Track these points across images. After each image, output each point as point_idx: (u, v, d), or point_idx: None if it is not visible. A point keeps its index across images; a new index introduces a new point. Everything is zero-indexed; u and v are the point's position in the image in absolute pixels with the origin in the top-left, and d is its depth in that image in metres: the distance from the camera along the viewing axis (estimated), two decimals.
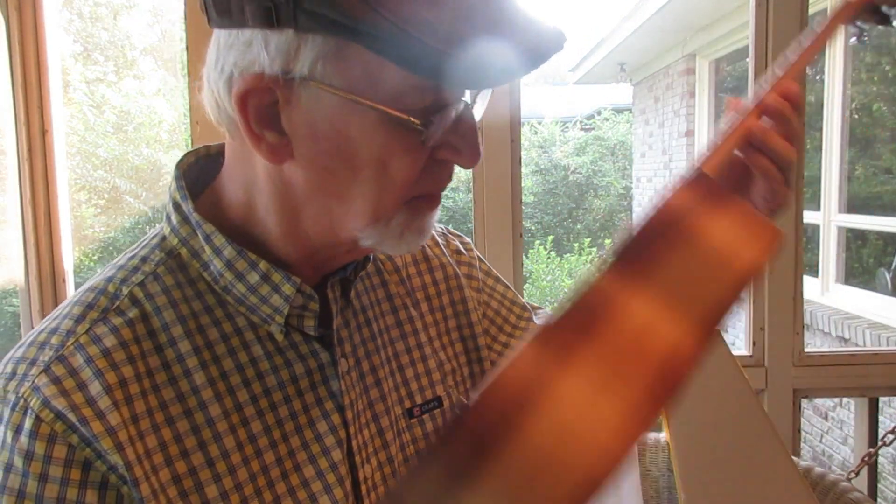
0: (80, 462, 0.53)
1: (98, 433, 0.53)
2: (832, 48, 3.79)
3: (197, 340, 0.59)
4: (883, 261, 4.22)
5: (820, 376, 1.80)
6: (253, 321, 0.62)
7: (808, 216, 2.23)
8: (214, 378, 0.59)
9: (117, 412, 0.54)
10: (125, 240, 7.41)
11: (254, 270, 0.60)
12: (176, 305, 0.60)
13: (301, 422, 0.62)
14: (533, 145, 10.66)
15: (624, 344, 0.47)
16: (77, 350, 0.56)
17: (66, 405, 0.53)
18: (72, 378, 0.54)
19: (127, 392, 0.55)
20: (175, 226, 0.63)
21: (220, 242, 0.60)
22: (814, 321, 3.81)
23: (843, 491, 1.35)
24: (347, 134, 0.54)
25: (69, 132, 7.18)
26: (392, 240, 0.59)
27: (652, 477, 1.52)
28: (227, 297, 0.61)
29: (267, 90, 0.53)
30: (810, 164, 3.97)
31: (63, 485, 0.53)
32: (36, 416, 0.53)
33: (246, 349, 0.61)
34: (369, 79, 0.52)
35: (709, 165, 0.59)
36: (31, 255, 1.85)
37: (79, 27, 8.75)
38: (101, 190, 7.44)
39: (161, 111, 8.14)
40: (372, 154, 0.54)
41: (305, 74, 0.52)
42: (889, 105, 4.42)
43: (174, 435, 0.57)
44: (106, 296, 0.59)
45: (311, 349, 0.64)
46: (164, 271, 0.61)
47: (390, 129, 0.53)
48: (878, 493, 2.89)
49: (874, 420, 1.89)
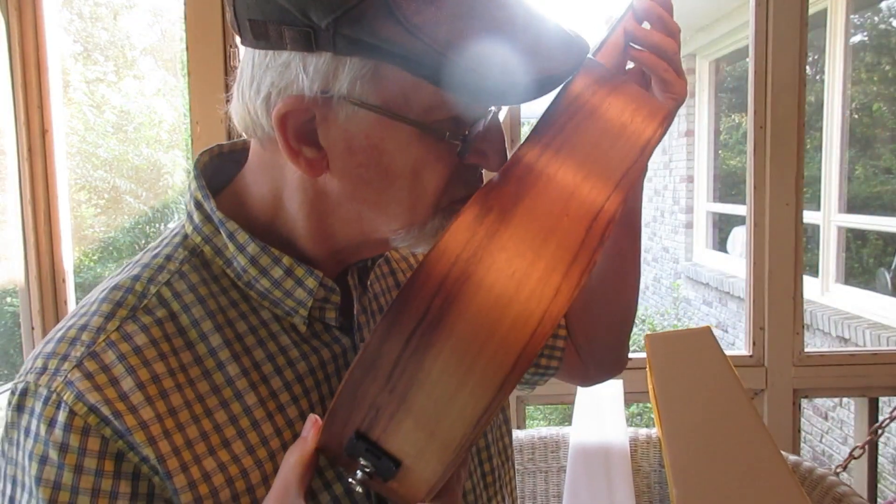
0: (113, 454, 0.55)
1: (131, 427, 0.55)
2: (832, 48, 3.79)
3: (227, 333, 0.61)
4: (883, 261, 4.22)
5: (820, 376, 1.80)
6: (276, 314, 0.64)
7: (808, 216, 2.23)
8: (247, 368, 0.61)
9: (150, 407, 0.56)
10: (125, 240, 7.41)
11: (277, 266, 0.62)
12: (203, 301, 0.61)
13: (329, 406, 0.64)
14: None
15: (551, 207, 0.53)
16: (108, 347, 0.57)
17: (99, 399, 0.54)
18: (104, 374, 0.56)
19: (161, 387, 0.57)
20: (197, 224, 0.64)
21: (244, 239, 0.62)
22: (814, 321, 3.81)
23: (830, 485, 1.36)
24: (383, 147, 0.57)
25: (69, 132, 7.18)
26: (428, 240, 0.61)
27: (644, 472, 1.53)
28: (251, 292, 0.63)
29: (305, 110, 0.55)
30: (810, 164, 3.97)
31: (98, 475, 0.54)
32: (70, 410, 0.54)
33: (274, 339, 0.63)
34: (404, 96, 0.54)
35: (600, 56, 0.66)
36: (31, 255, 1.85)
37: (79, 27, 8.75)
38: (101, 190, 7.44)
39: (161, 111, 8.14)
40: (407, 165, 0.57)
41: (344, 94, 0.54)
42: (889, 105, 4.42)
43: (214, 426, 0.58)
44: (134, 294, 0.60)
45: (332, 336, 0.66)
46: (188, 269, 0.63)
47: (424, 142, 0.56)
48: (878, 493, 2.89)
49: (874, 420, 1.89)
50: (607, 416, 1.56)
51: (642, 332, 6.83)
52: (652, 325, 6.88)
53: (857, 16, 4.17)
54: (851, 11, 3.81)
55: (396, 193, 0.59)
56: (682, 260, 6.53)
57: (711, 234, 6.20)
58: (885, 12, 4.35)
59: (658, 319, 6.98)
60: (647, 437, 1.55)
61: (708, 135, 6.08)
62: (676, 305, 6.68)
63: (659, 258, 7.38)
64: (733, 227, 5.75)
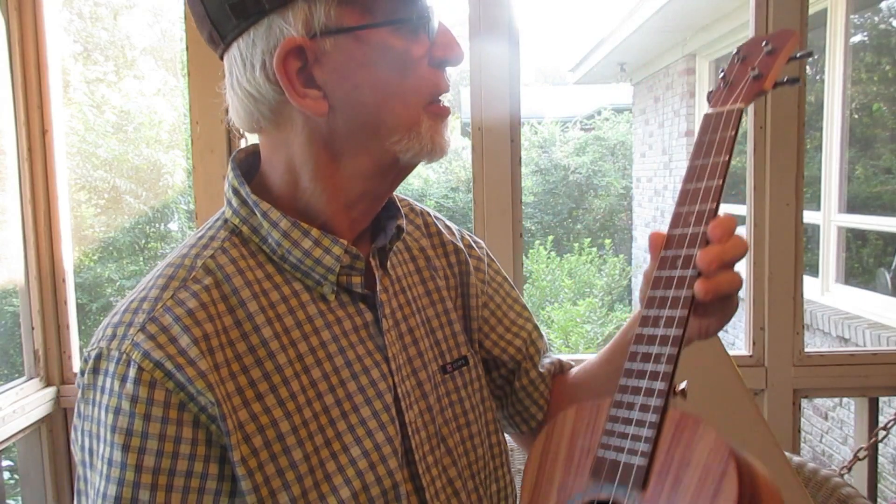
0: (177, 404, 0.64)
1: (192, 377, 0.64)
2: (832, 48, 3.79)
3: (262, 301, 0.70)
4: (883, 261, 4.22)
5: (820, 376, 1.80)
6: (307, 284, 0.73)
7: (808, 216, 2.23)
8: (279, 332, 0.70)
9: (204, 360, 0.65)
10: (125, 240, 7.41)
11: (307, 237, 0.71)
12: (242, 273, 0.71)
13: (356, 369, 0.73)
14: (533, 145, 10.65)
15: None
16: (166, 311, 0.66)
17: (162, 355, 0.64)
18: (164, 334, 0.65)
19: (209, 344, 0.66)
20: (236, 208, 0.74)
21: (276, 217, 0.71)
22: (814, 321, 3.80)
23: (835, 486, 1.35)
24: (367, 60, 0.67)
25: (69, 132, 7.17)
26: (427, 147, 0.70)
27: None
28: (285, 265, 0.73)
29: (298, 52, 0.66)
30: (810, 164, 3.97)
31: (164, 422, 0.63)
32: (138, 367, 0.63)
33: (303, 308, 0.72)
34: (367, 7, 0.65)
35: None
36: (31, 255, 1.85)
37: (79, 27, 8.74)
38: (101, 190, 7.44)
39: (161, 111, 8.14)
40: (391, 68, 0.67)
41: (323, 28, 0.65)
42: (889, 105, 4.42)
43: (249, 381, 0.68)
44: (184, 268, 0.70)
45: (357, 309, 0.75)
46: (229, 245, 0.73)
47: (398, 40, 0.67)
48: (878, 493, 2.89)
49: (874, 420, 1.89)
50: None
51: None
52: None
53: (857, 16, 4.17)
54: (851, 11, 3.80)
55: (389, 101, 0.68)
56: None
57: None
58: (885, 12, 4.35)
59: None
60: None
61: None
62: None
63: None
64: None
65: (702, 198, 0.68)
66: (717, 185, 0.68)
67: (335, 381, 0.72)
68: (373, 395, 0.73)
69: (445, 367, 0.82)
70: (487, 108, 1.77)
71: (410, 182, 10.31)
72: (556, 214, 10.48)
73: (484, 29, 1.75)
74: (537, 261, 8.41)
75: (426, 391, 0.79)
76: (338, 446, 0.70)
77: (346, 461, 0.70)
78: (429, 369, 0.80)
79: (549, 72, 20.61)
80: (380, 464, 0.71)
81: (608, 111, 10.96)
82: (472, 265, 0.91)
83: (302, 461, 0.68)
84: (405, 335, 0.79)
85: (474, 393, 0.85)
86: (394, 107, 0.68)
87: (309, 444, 0.69)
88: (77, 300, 1.98)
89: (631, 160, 9.13)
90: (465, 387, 0.84)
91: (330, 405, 0.71)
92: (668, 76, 6.84)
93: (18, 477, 2.67)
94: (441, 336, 0.84)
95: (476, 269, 0.91)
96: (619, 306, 8.11)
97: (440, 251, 0.89)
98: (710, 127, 0.72)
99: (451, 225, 0.94)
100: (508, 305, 0.94)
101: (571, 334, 6.86)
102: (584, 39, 10.19)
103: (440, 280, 0.87)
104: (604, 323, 7.24)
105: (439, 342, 0.83)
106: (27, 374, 1.87)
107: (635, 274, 8.47)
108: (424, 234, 0.89)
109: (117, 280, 7.13)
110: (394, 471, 0.72)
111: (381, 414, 0.73)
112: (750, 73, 0.74)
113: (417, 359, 0.79)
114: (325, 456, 0.69)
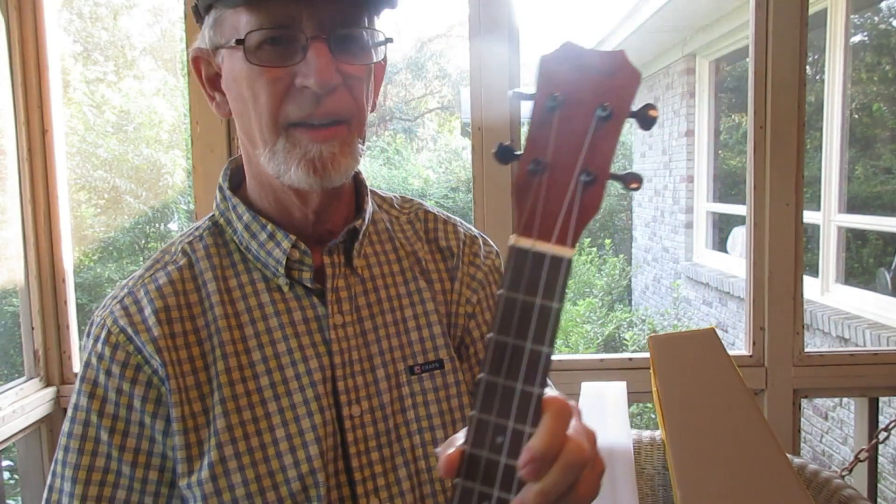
0: (133, 365, 0.75)
1: (145, 341, 0.75)
2: (832, 48, 3.79)
3: (220, 285, 0.80)
4: (883, 261, 4.22)
5: (820, 376, 1.80)
6: (266, 275, 0.81)
7: (808, 216, 2.23)
8: (229, 314, 0.79)
9: (160, 327, 0.76)
10: (125, 240, 7.40)
11: (263, 231, 0.80)
12: (210, 258, 0.81)
13: (296, 357, 0.79)
14: None
15: None
16: (141, 287, 0.79)
17: (126, 322, 0.77)
18: (134, 305, 0.78)
19: (169, 315, 0.77)
20: (218, 203, 0.85)
21: (242, 210, 0.82)
22: (814, 321, 3.80)
23: (836, 488, 1.35)
24: (234, 77, 0.75)
25: (69, 132, 7.17)
26: (284, 166, 0.74)
27: (647, 475, 1.52)
28: (249, 255, 0.81)
29: (206, 61, 0.78)
30: (810, 164, 3.97)
31: (121, 378, 0.75)
32: (108, 331, 0.77)
33: (256, 296, 0.80)
34: (232, 27, 0.73)
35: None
36: (31, 255, 1.85)
37: (79, 27, 8.74)
38: (101, 190, 7.44)
39: (161, 111, 8.13)
40: (248, 88, 0.73)
41: (213, 43, 0.76)
42: (889, 105, 4.42)
43: (200, 352, 0.77)
44: (168, 253, 0.83)
45: (310, 302, 0.81)
46: (206, 234, 0.83)
47: (247, 62, 0.72)
48: (878, 493, 2.89)
49: (874, 420, 1.89)
50: (611, 418, 1.56)
51: (643, 333, 6.82)
52: (652, 326, 6.88)
53: (857, 16, 4.17)
54: (851, 11, 3.80)
55: (250, 118, 0.75)
56: (682, 260, 6.53)
57: (711, 234, 6.20)
58: (885, 12, 4.35)
59: (658, 319, 6.97)
60: (651, 439, 1.55)
61: (708, 135, 6.08)
62: (676, 305, 6.68)
63: (659, 258, 7.38)
64: (733, 227, 5.75)
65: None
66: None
67: (273, 365, 0.78)
68: (307, 384, 0.78)
69: (413, 369, 0.83)
70: (487, 108, 1.77)
71: (410, 182, 10.31)
72: None
73: (484, 29, 1.75)
74: None
75: (380, 389, 0.81)
76: (264, 424, 0.76)
77: (269, 440, 0.76)
78: (389, 368, 0.82)
79: None
80: (300, 448, 0.76)
81: None
82: (464, 271, 0.90)
83: (224, 430, 0.75)
84: (369, 332, 0.82)
85: (447, 398, 0.84)
86: (254, 122, 0.75)
87: (235, 416, 0.76)
88: (77, 300, 1.98)
89: (631, 160, 9.12)
90: (435, 390, 0.83)
91: (264, 386, 0.77)
92: (668, 76, 6.84)
93: (18, 477, 2.67)
94: (415, 337, 0.84)
95: (471, 276, 0.90)
96: (618, 306, 8.10)
97: (437, 256, 0.90)
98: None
99: (463, 230, 0.93)
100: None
101: (571, 334, 6.85)
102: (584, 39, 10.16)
103: (431, 283, 0.88)
104: (604, 323, 7.23)
105: (412, 343, 0.84)
106: (27, 374, 1.87)
107: (635, 274, 8.47)
108: (423, 239, 0.91)
109: (117, 280, 7.12)
110: (313, 457, 0.76)
111: (310, 402, 0.77)
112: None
113: (377, 357, 0.82)
114: (251, 431, 0.76)
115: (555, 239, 0.50)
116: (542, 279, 0.49)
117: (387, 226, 0.90)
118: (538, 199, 0.51)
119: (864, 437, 1.89)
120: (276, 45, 0.71)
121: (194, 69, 0.79)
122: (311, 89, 0.71)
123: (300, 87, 0.72)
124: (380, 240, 0.88)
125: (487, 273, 0.92)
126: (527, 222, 0.50)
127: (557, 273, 0.49)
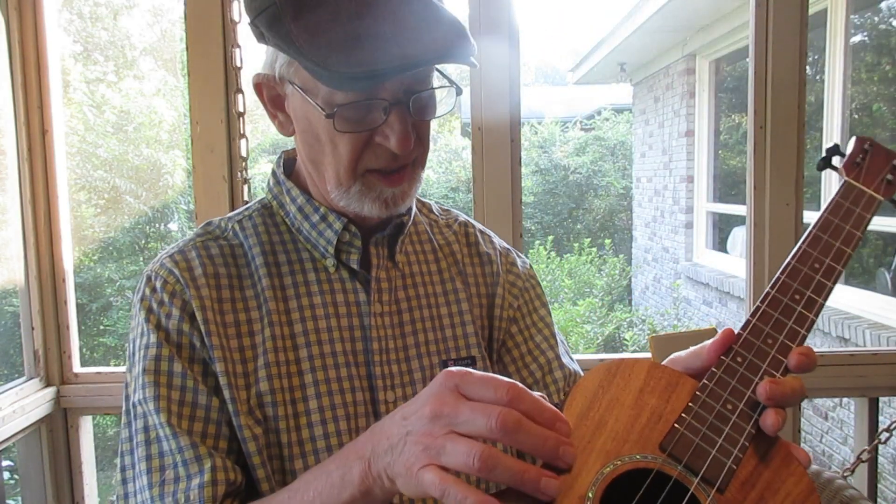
0: (189, 312, 0.80)
1: (193, 296, 0.80)
2: (832, 48, 3.79)
3: (269, 259, 0.85)
4: (883, 261, 4.22)
5: (820, 376, 1.80)
6: (314, 256, 0.86)
7: (808, 216, 2.22)
8: (276, 286, 0.84)
9: (207, 289, 0.81)
10: (125, 240, 7.41)
11: (316, 213, 0.85)
12: (259, 236, 0.86)
13: (334, 336, 0.83)
14: (533, 145, 10.65)
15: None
16: (192, 249, 0.84)
17: (179, 274, 0.81)
18: (185, 262, 0.83)
19: (219, 282, 0.82)
20: (270, 186, 0.91)
21: (296, 193, 0.87)
22: None
23: (838, 488, 1.35)
24: (309, 118, 0.79)
25: (69, 132, 7.17)
26: (355, 203, 0.80)
27: None
28: (299, 236, 0.87)
29: (271, 85, 0.82)
30: (810, 164, 3.97)
31: (180, 321, 0.80)
32: (164, 280, 0.81)
33: (303, 273, 0.85)
34: (313, 82, 0.75)
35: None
36: (31, 255, 1.85)
37: (79, 27, 8.74)
38: (101, 190, 7.44)
39: (161, 111, 8.13)
40: (325, 135, 0.78)
41: (283, 75, 0.79)
42: (889, 105, 4.42)
43: (247, 318, 0.82)
44: (218, 227, 0.88)
45: (353, 287, 0.86)
46: (256, 215, 0.89)
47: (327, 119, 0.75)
48: (878, 493, 2.89)
49: (874, 420, 1.89)
50: None
51: (643, 333, 6.83)
52: (652, 325, 6.88)
53: (857, 16, 4.16)
54: (851, 11, 3.80)
55: (324, 158, 0.80)
56: (682, 260, 6.53)
57: (711, 234, 6.20)
58: (885, 12, 4.35)
59: (658, 319, 6.97)
60: None
61: (708, 135, 6.08)
62: (676, 305, 6.68)
63: (659, 258, 7.38)
64: (733, 227, 5.75)
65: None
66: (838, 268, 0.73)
67: (313, 339, 0.82)
68: (342, 363, 0.82)
69: (446, 363, 0.88)
70: (487, 108, 1.77)
71: None
72: (556, 214, 10.48)
73: (484, 29, 1.75)
74: (537, 261, 8.41)
75: (415, 378, 0.85)
76: (299, 395, 0.80)
77: (302, 409, 0.80)
78: (424, 360, 0.87)
79: (549, 72, 20.57)
80: (331, 422, 0.80)
81: (608, 111, 10.96)
82: (505, 278, 0.96)
83: (267, 393, 0.79)
84: (406, 324, 0.87)
85: None
86: (328, 163, 0.80)
87: (277, 381, 0.80)
88: (77, 300, 1.98)
89: (631, 160, 9.13)
90: None
91: (303, 357, 0.82)
92: (668, 76, 6.84)
93: (18, 477, 2.67)
94: (450, 334, 0.90)
95: (511, 284, 0.96)
96: (618, 306, 8.10)
97: (476, 260, 0.97)
98: (850, 199, 0.76)
99: (498, 241, 1.01)
100: (538, 329, 0.96)
101: (571, 334, 6.85)
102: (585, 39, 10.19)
103: (468, 286, 0.94)
104: (604, 323, 7.23)
105: (446, 339, 0.89)
106: (27, 374, 1.87)
107: (635, 274, 8.47)
108: (462, 243, 0.97)
109: (117, 280, 7.12)
110: (342, 432, 0.80)
111: (343, 381, 0.82)
112: (884, 174, 0.76)
113: (413, 347, 0.87)
114: (288, 399, 0.80)
115: (874, 187, 0.77)
116: (856, 212, 0.75)
117: (426, 228, 0.96)
118: (866, 169, 0.79)
119: (864, 438, 1.89)
120: (358, 107, 0.74)
121: (255, 90, 0.83)
122: (390, 149, 0.76)
123: (379, 143, 0.77)
124: (419, 240, 0.94)
125: (526, 280, 0.98)
126: (857, 174, 0.78)
127: (869, 209, 0.76)
